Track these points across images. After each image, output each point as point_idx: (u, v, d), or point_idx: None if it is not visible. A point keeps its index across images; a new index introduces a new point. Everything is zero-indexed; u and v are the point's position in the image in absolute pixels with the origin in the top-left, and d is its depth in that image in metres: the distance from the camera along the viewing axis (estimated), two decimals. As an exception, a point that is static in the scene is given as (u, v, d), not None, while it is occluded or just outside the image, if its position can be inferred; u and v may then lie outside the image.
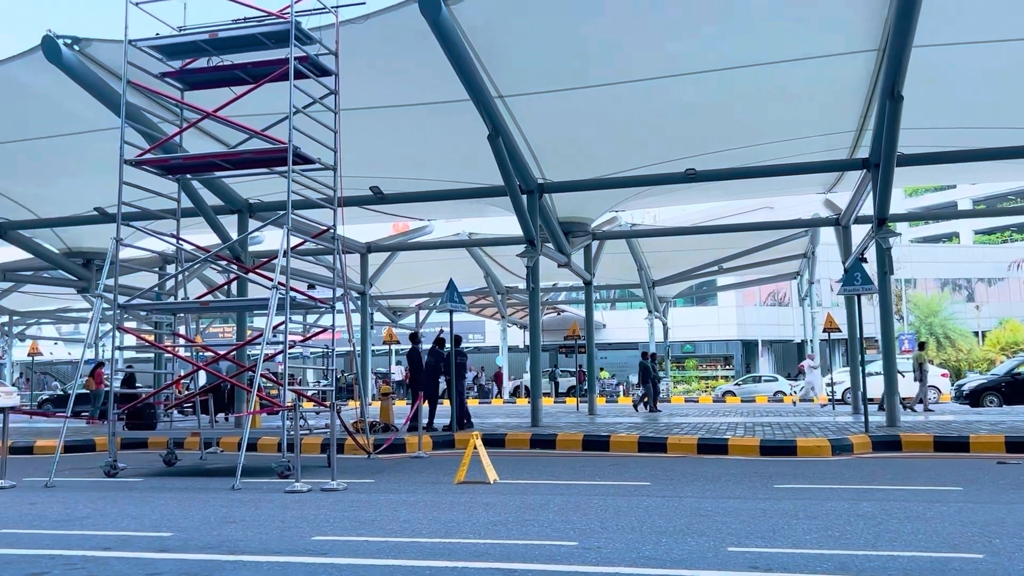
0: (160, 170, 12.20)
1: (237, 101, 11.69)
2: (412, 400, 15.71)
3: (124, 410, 11.89)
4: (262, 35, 11.11)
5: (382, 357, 38.85)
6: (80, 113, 14.09)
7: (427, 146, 15.96)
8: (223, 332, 44.46)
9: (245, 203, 17.26)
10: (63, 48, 12.32)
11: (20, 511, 8.22)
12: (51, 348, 47.55)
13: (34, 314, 36.97)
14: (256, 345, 12.15)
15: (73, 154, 15.96)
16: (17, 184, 17.74)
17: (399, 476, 10.46)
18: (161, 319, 14.89)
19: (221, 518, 7.54)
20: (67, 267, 21.40)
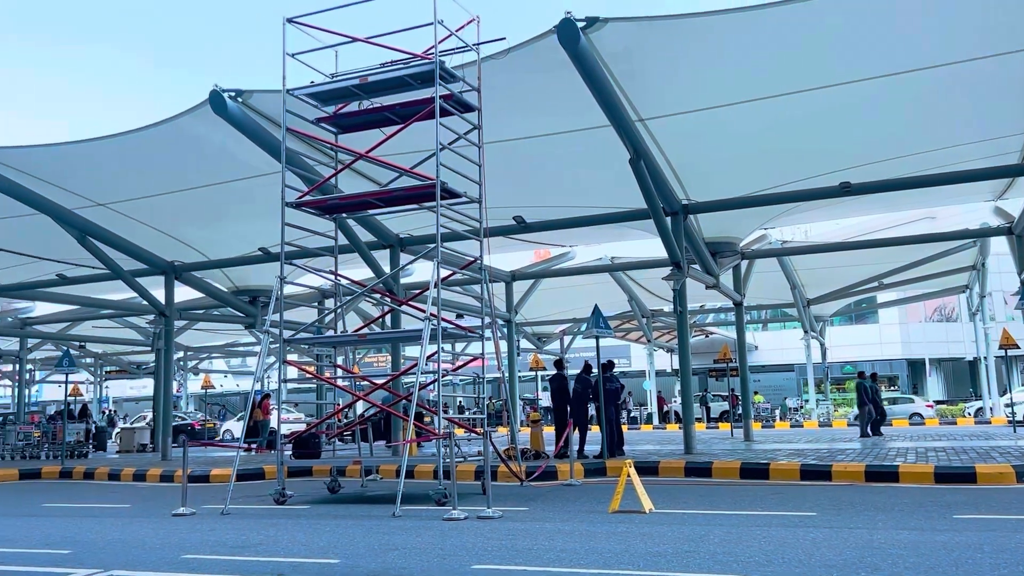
0: (318, 211, 12.86)
1: (386, 140, 12.18)
2: (557, 427, 15.71)
3: (290, 439, 12.49)
4: (408, 76, 11.55)
5: (529, 383, 39.15)
6: (244, 160, 15.06)
7: (568, 173, 16.05)
8: (377, 361, 46.06)
9: (396, 238, 17.89)
10: (228, 100, 13.21)
11: (201, 537, 8.75)
12: (220, 380, 50.66)
13: (205, 349, 39.57)
14: (411, 374, 12.50)
15: (238, 199, 17.05)
16: (190, 229, 19.12)
17: (553, 504, 10.45)
18: (322, 351, 15.60)
19: (384, 545, 7.76)
20: (235, 304, 22.80)
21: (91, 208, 17.27)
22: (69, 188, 16.44)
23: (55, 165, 15.58)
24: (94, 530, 9.63)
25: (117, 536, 9.08)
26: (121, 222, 17.96)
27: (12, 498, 14.14)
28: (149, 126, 14.33)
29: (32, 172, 15.75)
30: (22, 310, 28.54)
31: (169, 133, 14.42)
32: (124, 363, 39.32)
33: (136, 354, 37.04)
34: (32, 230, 17.89)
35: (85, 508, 12.11)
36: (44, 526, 10.21)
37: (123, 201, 17.13)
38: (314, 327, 14.81)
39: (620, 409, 17.35)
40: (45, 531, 9.70)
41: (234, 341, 37.88)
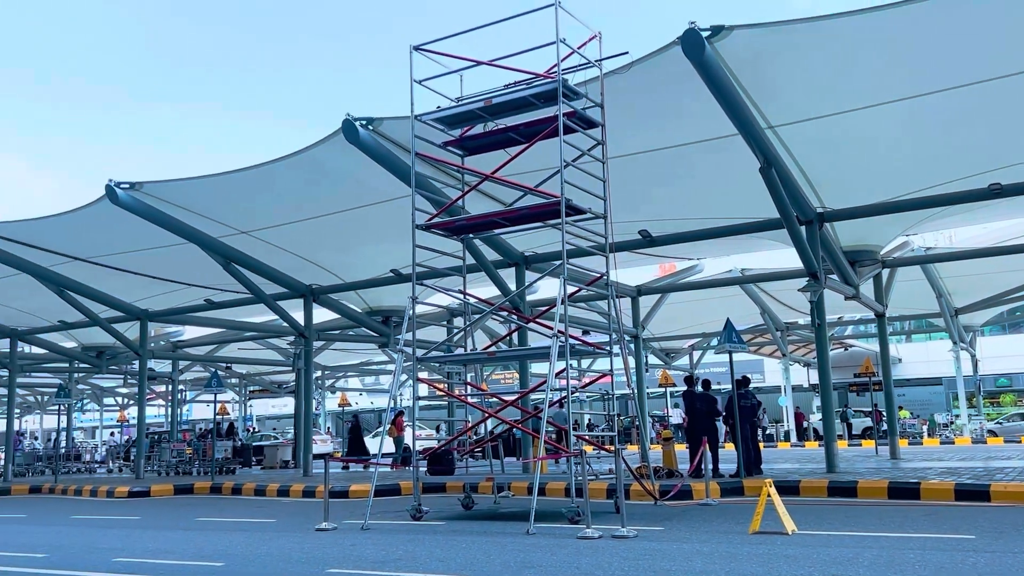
0: (446, 232, 13.12)
1: (511, 160, 12.32)
2: (690, 445, 15.37)
3: (425, 456, 12.73)
4: (532, 96, 11.65)
5: (657, 400, 38.55)
6: (374, 185, 15.54)
7: (694, 185, 15.77)
8: (504, 379, 46.47)
9: (521, 256, 18.04)
10: (359, 128, 13.69)
11: (343, 552, 9.02)
12: (356, 398, 52.32)
13: (341, 368, 40.99)
14: (540, 391, 12.52)
15: (370, 223, 17.61)
16: (326, 253, 19.89)
17: (689, 524, 10.21)
18: (452, 369, 15.86)
19: (520, 562, 7.77)
20: (369, 325, 23.53)
21: (235, 236, 18.23)
22: (214, 218, 17.41)
23: (201, 196, 16.54)
24: (244, 543, 10.08)
25: (265, 550, 9.48)
26: (262, 248, 18.87)
27: (168, 511, 15.00)
28: (286, 156, 15.02)
29: (181, 203, 16.77)
30: (173, 334, 30.40)
31: (304, 163, 15.07)
32: (266, 383, 41.22)
33: (277, 374, 38.78)
34: (182, 258, 19.04)
35: (234, 522, 12.70)
36: (198, 539, 10.78)
37: (264, 228, 18.00)
38: (444, 346, 15.08)
39: (756, 426, 16.80)
40: (199, 544, 10.23)
41: (368, 360, 39.07)
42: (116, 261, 19.46)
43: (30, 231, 18.09)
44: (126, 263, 19.57)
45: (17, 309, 23.58)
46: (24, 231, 18.10)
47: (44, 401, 43.89)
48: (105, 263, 19.51)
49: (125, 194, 15.88)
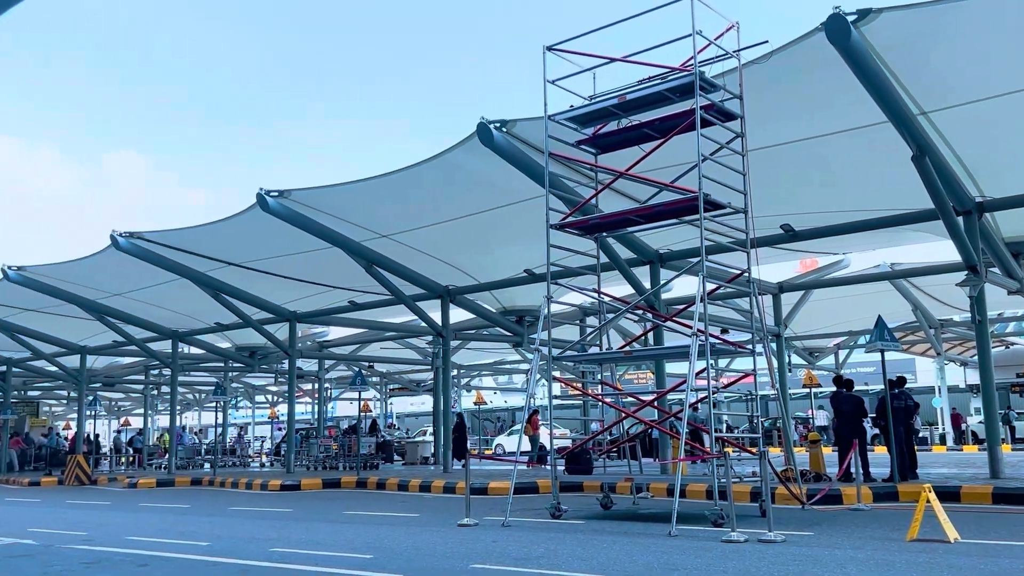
0: (580, 231, 13.10)
1: (646, 157, 12.16)
2: (839, 447, 14.73)
3: (564, 455, 12.75)
4: (667, 91, 11.47)
5: (801, 401, 37.21)
6: (508, 187, 15.70)
7: (840, 176, 15.10)
8: (637, 378, 46.01)
9: (655, 253, 17.79)
10: (494, 131, 13.86)
11: (486, 548, 9.15)
12: (490, 397, 53.04)
13: (476, 367, 41.67)
14: (678, 392, 12.31)
15: (504, 224, 17.80)
16: (462, 255, 20.26)
17: (840, 530, 9.79)
18: (587, 368, 15.83)
19: (663, 564, 7.66)
20: (503, 324, 23.81)
21: (376, 240, 18.84)
22: (357, 222, 18.05)
23: (344, 202, 17.18)
24: (390, 537, 10.40)
25: (411, 543, 9.74)
26: (401, 251, 19.42)
27: (318, 505, 15.66)
28: (423, 161, 15.40)
29: (325, 209, 17.48)
30: (319, 334, 31.72)
31: (441, 166, 15.39)
32: (405, 381, 42.40)
33: (415, 372, 39.82)
34: (327, 262, 19.84)
35: (380, 516, 13.12)
36: (347, 531, 11.20)
37: (403, 232, 18.52)
38: (579, 345, 15.07)
39: (911, 429, 15.92)
40: (349, 536, 10.63)
41: (501, 359, 39.54)
42: (266, 265, 20.48)
43: (188, 239, 19.30)
44: (275, 267, 20.57)
45: (178, 312, 25.20)
46: (183, 239, 19.33)
47: (202, 398, 46.77)
48: (256, 267, 20.57)
49: (275, 202, 16.69)
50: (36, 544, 10.91)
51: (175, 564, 8.90)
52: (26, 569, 8.90)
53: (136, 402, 48.05)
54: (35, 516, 15.18)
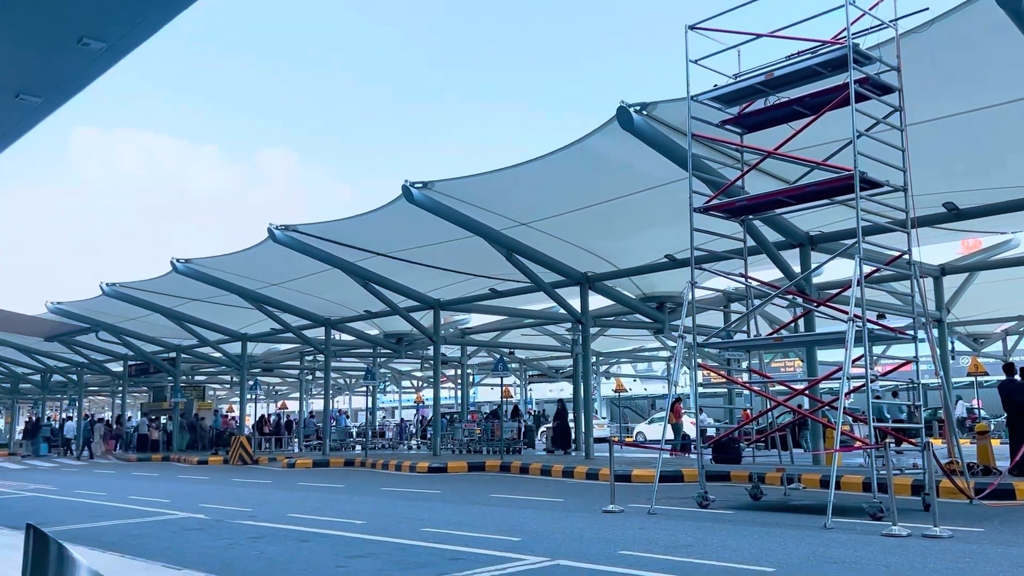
0: (725, 214, 12.75)
1: (796, 135, 11.70)
2: (1011, 440, 13.73)
3: (710, 444, 12.51)
4: (818, 65, 10.98)
5: (965, 390, 35.01)
6: (648, 171, 15.47)
7: (1007, 150, 14.03)
8: (784, 367, 44.49)
9: (806, 235, 17.10)
10: (634, 115, 13.68)
11: (632, 535, 9.11)
12: (629, 384, 52.71)
13: (614, 354, 41.43)
14: (832, 380, 11.82)
15: (644, 209, 17.57)
16: (601, 241, 20.16)
17: (1014, 526, 9.15)
18: (733, 355, 15.43)
19: (820, 557, 7.40)
20: (643, 311, 23.55)
21: (515, 228, 19.02)
22: (497, 211, 18.27)
23: (485, 192, 17.42)
24: (536, 520, 10.52)
25: (556, 528, 9.82)
26: (541, 238, 19.53)
27: (465, 487, 16.03)
28: (561, 148, 15.40)
29: (467, 199, 17.78)
30: (461, 322, 32.40)
31: (579, 153, 15.34)
32: (544, 368, 42.69)
33: (554, 359, 40.02)
34: (468, 251, 20.21)
35: (525, 500, 13.29)
36: (494, 514, 11.41)
37: (542, 219, 18.61)
38: (724, 332, 14.70)
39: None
40: (496, 519, 10.82)
41: (641, 346, 39.15)
42: (411, 255, 21.08)
43: (339, 230, 20.11)
44: (420, 256, 21.14)
45: (329, 300, 26.33)
46: (334, 230, 20.16)
47: (352, 383, 48.76)
48: (402, 257, 21.20)
49: (419, 193, 17.14)
50: (207, 519, 11.69)
51: (333, 541, 9.32)
52: (200, 541, 9.56)
53: (292, 386, 50.65)
54: (205, 493, 16.28)
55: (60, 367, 41.55)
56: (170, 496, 15.33)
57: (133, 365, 37.31)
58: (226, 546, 9.12)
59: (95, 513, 12.83)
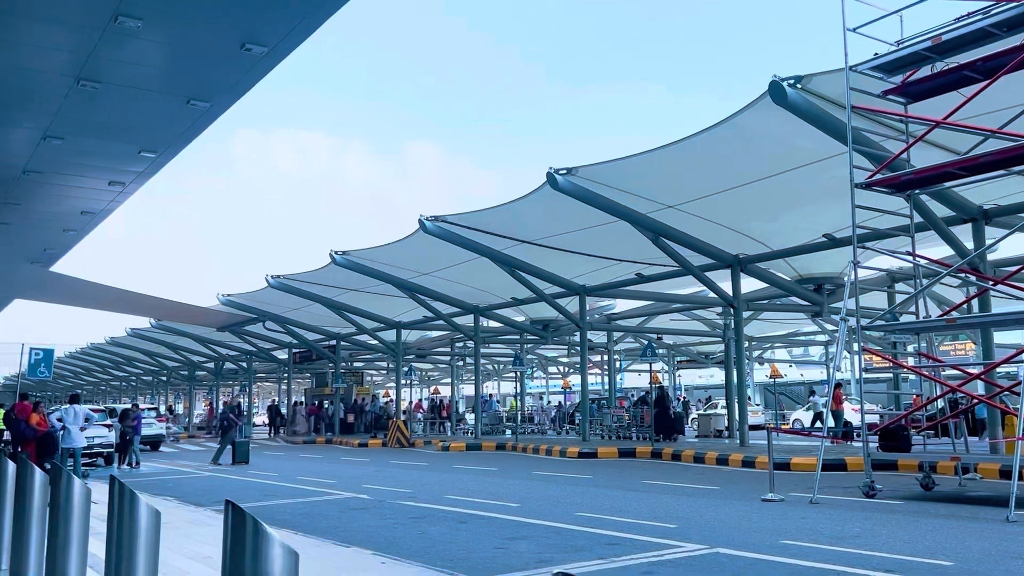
0: (890, 189, 12.07)
1: (965, 103, 10.90)
2: None
3: (876, 431, 11.92)
4: (991, 26, 10.18)
5: None
6: (803, 147, 14.85)
7: None
8: (953, 350, 41.75)
9: (979, 209, 15.93)
10: (787, 88, 13.15)
11: (795, 524, 8.81)
12: (784, 370, 50.96)
13: (768, 339, 40.15)
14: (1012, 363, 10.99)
15: (799, 187, 16.89)
16: (752, 221, 19.55)
17: None
18: (898, 339, 14.61)
19: (1003, 552, 6.92)
20: (799, 293, 22.66)
21: (662, 211, 18.73)
22: (643, 194, 18.05)
23: (630, 175, 17.23)
24: (690, 508, 10.36)
25: (713, 516, 9.63)
26: (689, 221, 19.14)
27: (616, 473, 15.99)
28: (709, 128, 15.01)
29: (612, 184, 17.66)
30: (606, 307, 32.28)
31: (728, 131, 14.92)
32: (693, 353, 41.94)
33: (703, 344, 39.25)
34: (614, 236, 20.08)
35: (678, 487, 13.11)
36: (648, 500, 11.32)
37: (690, 201, 18.23)
38: (890, 314, 13.92)
39: None
40: (650, 505, 10.74)
41: (796, 330, 37.76)
42: (556, 242, 21.17)
43: (485, 219, 20.46)
44: (565, 243, 21.20)
45: (478, 288, 26.87)
46: (480, 220, 20.53)
47: (500, 368, 49.61)
48: (547, 244, 21.34)
49: (564, 179, 17.17)
50: (370, 499, 12.22)
51: (490, 523, 9.52)
52: (364, 520, 10.00)
53: (443, 372, 52.08)
54: (366, 474, 17.00)
55: (231, 355, 44.43)
56: (335, 477, 16.10)
57: (297, 352, 39.40)
58: (389, 525, 9.50)
59: (268, 492, 13.68)
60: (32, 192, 19.04)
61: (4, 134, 15.79)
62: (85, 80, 13.20)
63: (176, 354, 46.71)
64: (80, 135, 15.77)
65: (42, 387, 64.41)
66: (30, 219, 21.34)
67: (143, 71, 13.63)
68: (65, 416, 15.91)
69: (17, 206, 19.97)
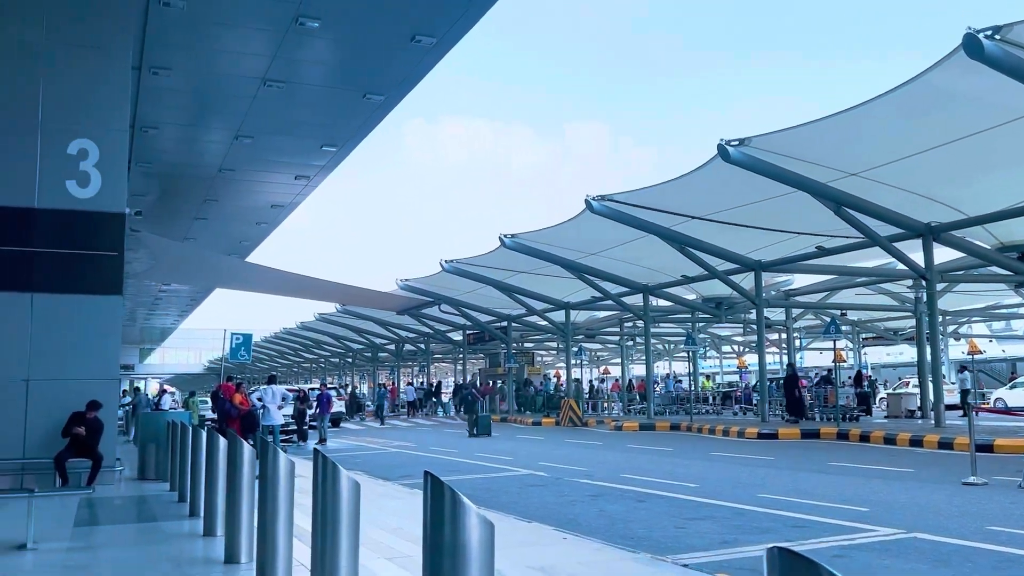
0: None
1: None
2: None
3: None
4: None
5: None
6: (1003, 103, 13.65)
7: None
8: None
9: None
10: (984, 41, 12.08)
11: (1002, 509, 8.17)
12: (984, 346, 47.23)
13: (965, 313, 37.30)
14: None
15: (999, 146, 15.53)
16: (945, 187, 18.15)
17: None
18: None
19: None
20: (1001, 263, 20.87)
21: (844, 179, 17.73)
22: (822, 163, 17.16)
23: (807, 144, 16.42)
24: (884, 491, 9.82)
25: (908, 498, 9.09)
26: (873, 189, 18.02)
27: (798, 454, 15.39)
28: (893, 89, 14.06)
29: (788, 153, 16.89)
30: (783, 283, 31.02)
31: (915, 92, 13.92)
32: (879, 329, 39.62)
33: (892, 320, 36.99)
34: (791, 207, 19.23)
35: (868, 469, 12.45)
36: (836, 483, 10.83)
37: (874, 168, 17.15)
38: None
39: None
40: (837, 488, 10.26)
41: (996, 303, 34.88)
42: (728, 216, 20.53)
43: (652, 197, 20.13)
44: (737, 217, 20.52)
45: (646, 267, 26.53)
46: (647, 197, 20.21)
47: (671, 348, 48.89)
48: (719, 219, 20.73)
49: (736, 151, 16.62)
50: (547, 476, 12.40)
51: (669, 502, 9.43)
52: (543, 497, 10.16)
53: (612, 352, 51.99)
54: (541, 452, 17.26)
55: (410, 337, 46.31)
56: (511, 455, 16.46)
57: (471, 334, 40.50)
58: (567, 503, 9.60)
59: (450, 468, 14.17)
60: (227, 189, 20.61)
61: (202, 136, 17.16)
62: (271, 81, 14.11)
63: (360, 337, 49.22)
64: (268, 133, 16.90)
65: (241, 369, 69.80)
66: (227, 214, 23.12)
67: (322, 69, 14.40)
68: (264, 395, 17.12)
69: (215, 202, 21.67)
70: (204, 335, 65.69)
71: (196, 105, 15.57)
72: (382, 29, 12.72)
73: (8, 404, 10.22)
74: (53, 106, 10.80)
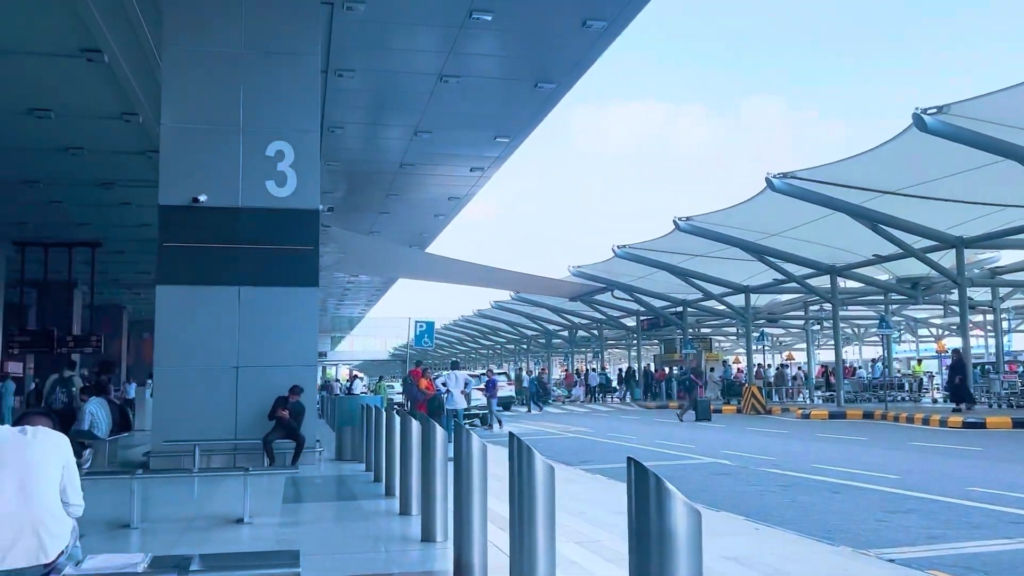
0: None
1: None
2: None
3: None
4: None
5: None
6: None
7: None
8: None
9: None
10: None
11: None
12: None
13: None
14: None
15: None
16: None
17: None
18: None
19: None
20: None
21: (1060, 145, 16.08)
22: (1035, 128, 15.65)
23: (1016, 108, 15.02)
24: (1119, 488, 8.84)
25: None
26: (1095, 153, 16.23)
27: (1013, 445, 14.16)
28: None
29: (992, 119, 15.50)
30: (989, 260, 28.58)
31: None
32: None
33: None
34: (997, 178, 17.65)
35: (1096, 463, 11.27)
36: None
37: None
38: None
39: None
40: (1062, 482, 9.35)
41: None
42: (925, 190, 19.11)
43: (839, 172, 19.04)
44: (935, 191, 19.07)
45: (833, 247, 25.18)
46: (834, 173, 19.14)
47: (861, 332, 46.26)
48: (914, 193, 19.34)
49: (933, 120, 15.43)
50: (732, 465, 12.06)
51: (867, 494, 8.92)
52: (730, 486, 9.89)
53: (795, 337, 49.89)
54: (724, 440, 16.81)
55: (583, 323, 46.42)
56: (692, 442, 16.14)
57: (645, 320, 40.05)
58: (756, 492, 9.29)
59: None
60: (407, 183, 21.43)
61: (383, 133, 17.92)
62: (446, 76, 14.50)
63: (534, 323, 49.90)
64: (444, 128, 17.40)
65: (423, 355, 72.67)
66: (407, 207, 24.06)
67: (494, 61, 14.64)
68: (448, 380, 17.71)
69: (397, 196, 22.59)
70: (388, 323, 68.82)
71: (377, 104, 16.28)
72: (553, 16, 12.75)
73: (221, 390, 11.11)
74: (252, 111, 11.59)
